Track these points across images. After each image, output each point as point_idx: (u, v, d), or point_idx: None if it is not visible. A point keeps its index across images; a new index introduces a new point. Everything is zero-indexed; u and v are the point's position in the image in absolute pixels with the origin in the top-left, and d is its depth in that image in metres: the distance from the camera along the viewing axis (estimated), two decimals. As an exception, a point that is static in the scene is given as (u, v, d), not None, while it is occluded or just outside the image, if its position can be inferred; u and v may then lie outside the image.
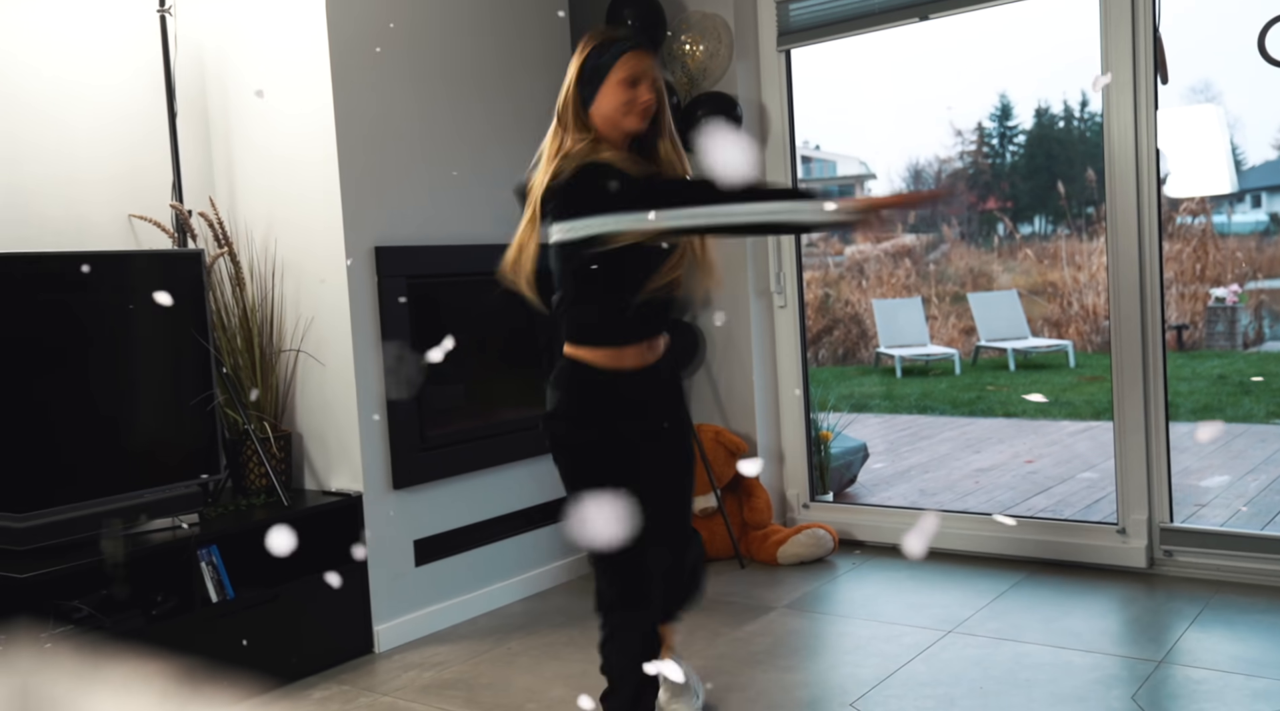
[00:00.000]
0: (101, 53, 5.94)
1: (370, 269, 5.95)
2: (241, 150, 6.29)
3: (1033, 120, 33.54)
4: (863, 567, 6.95)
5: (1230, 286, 18.75)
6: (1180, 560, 6.37)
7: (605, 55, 4.08)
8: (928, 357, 18.70)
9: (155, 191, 6.05)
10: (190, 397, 5.59)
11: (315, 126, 5.89)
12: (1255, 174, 22.29)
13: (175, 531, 5.35)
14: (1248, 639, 5.38)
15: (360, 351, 5.91)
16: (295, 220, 6.06)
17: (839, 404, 15.04)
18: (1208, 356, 17.83)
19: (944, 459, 11.47)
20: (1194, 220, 19.70)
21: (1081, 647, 5.38)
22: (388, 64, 6.06)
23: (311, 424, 6.18)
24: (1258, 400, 14.02)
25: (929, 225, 26.81)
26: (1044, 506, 8.83)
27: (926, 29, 6.93)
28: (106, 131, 5.96)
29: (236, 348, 6.07)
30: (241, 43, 6.22)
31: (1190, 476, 9.65)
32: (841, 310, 21.77)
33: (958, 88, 29.01)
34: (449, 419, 6.52)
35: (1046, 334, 20.04)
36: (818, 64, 7.62)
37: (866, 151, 33.29)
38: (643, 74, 4.09)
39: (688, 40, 7.29)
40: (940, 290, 22.47)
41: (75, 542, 5.06)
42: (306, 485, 6.23)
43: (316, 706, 5.24)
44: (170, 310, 5.52)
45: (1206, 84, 19.24)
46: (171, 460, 5.53)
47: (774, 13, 7.40)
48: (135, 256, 5.62)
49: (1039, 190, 29.51)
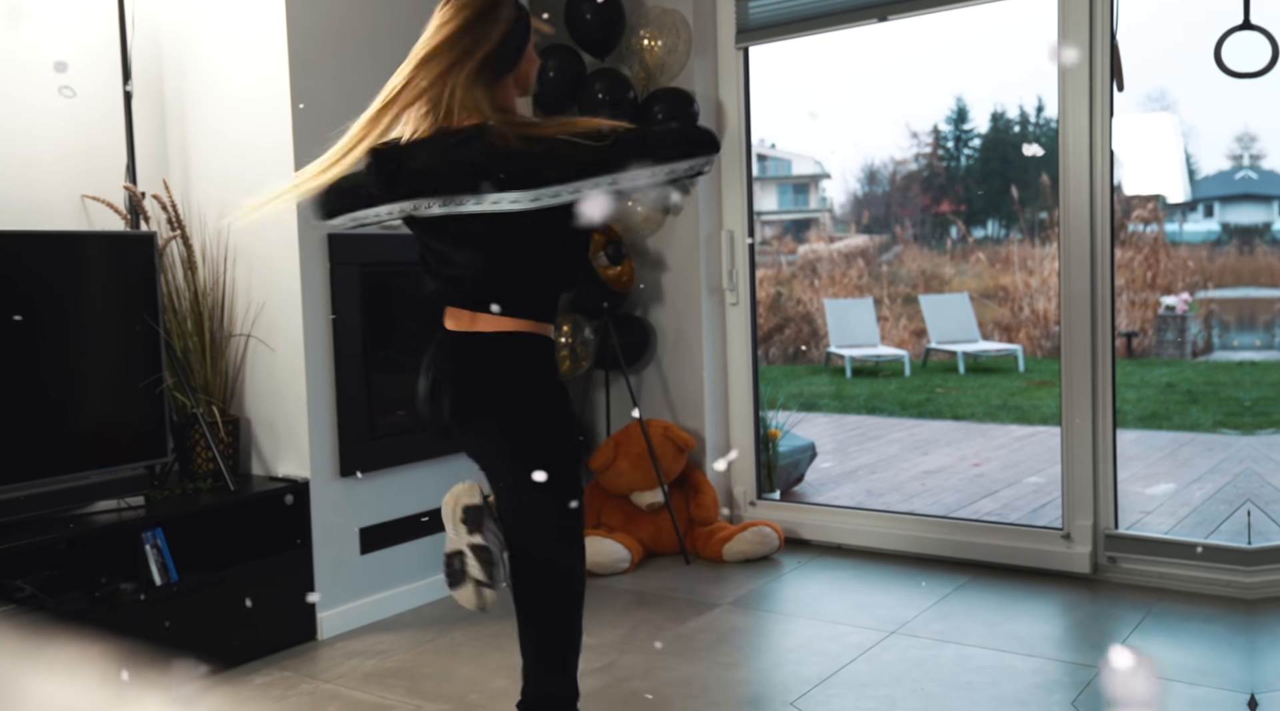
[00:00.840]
0: (58, 32, 5.91)
1: (323, 255, 5.94)
2: (197, 134, 6.26)
3: (988, 124, 33.64)
4: (807, 566, 6.96)
5: (1181, 295, 18.85)
6: (1124, 567, 6.40)
7: (526, 17, 3.92)
8: (878, 358, 18.75)
9: (109, 173, 6.02)
10: (139, 380, 5.57)
11: (271, 112, 5.87)
12: (1208, 184, 22.38)
13: (121, 513, 5.34)
14: (1189, 646, 5.41)
15: (311, 337, 5.89)
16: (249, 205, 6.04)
17: (788, 402, 15.07)
18: (1157, 364, 17.91)
19: (891, 460, 11.51)
20: (1146, 228, 19.78)
21: (1024, 652, 5.40)
22: (345, 49, 6.05)
23: (260, 409, 6.16)
24: (1205, 409, 14.09)
25: (882, 226, 26.90)
26: (990, 510, 8.86)
27: (885, 30, 6.94)
28: (61, 111, 5.93)
29: (187, 331, 6.04)
30: (200, 26, 6.19)
31: (1136, 483, 9.70)
32: (793, 309, 21.80)
33: (915, 90, 29.07)
34: (399, 406, 6.51)
35: (997, 338, 20.13)
36: (775, 62, 7.59)
37: (822, 151, 33.26)
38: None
39: (646, 35, 7.29)
40: (892, 291, 22.54)
41: (20, 522, 5.04)
42: (254, 470, 6.21)
43: (258, 692, 5.23)
44: (121, 292, 5.50)
45: (1162, 92, 19.31)
46: (119, 442, 5.51)
47: (733, 10, 7.41)
48: (87, 237, 5.60)
49: (993, 194, 29.60)
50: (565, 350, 7.49)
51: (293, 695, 5.18)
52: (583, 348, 7.52)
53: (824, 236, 27.90)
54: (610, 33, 7.31)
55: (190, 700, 5.12)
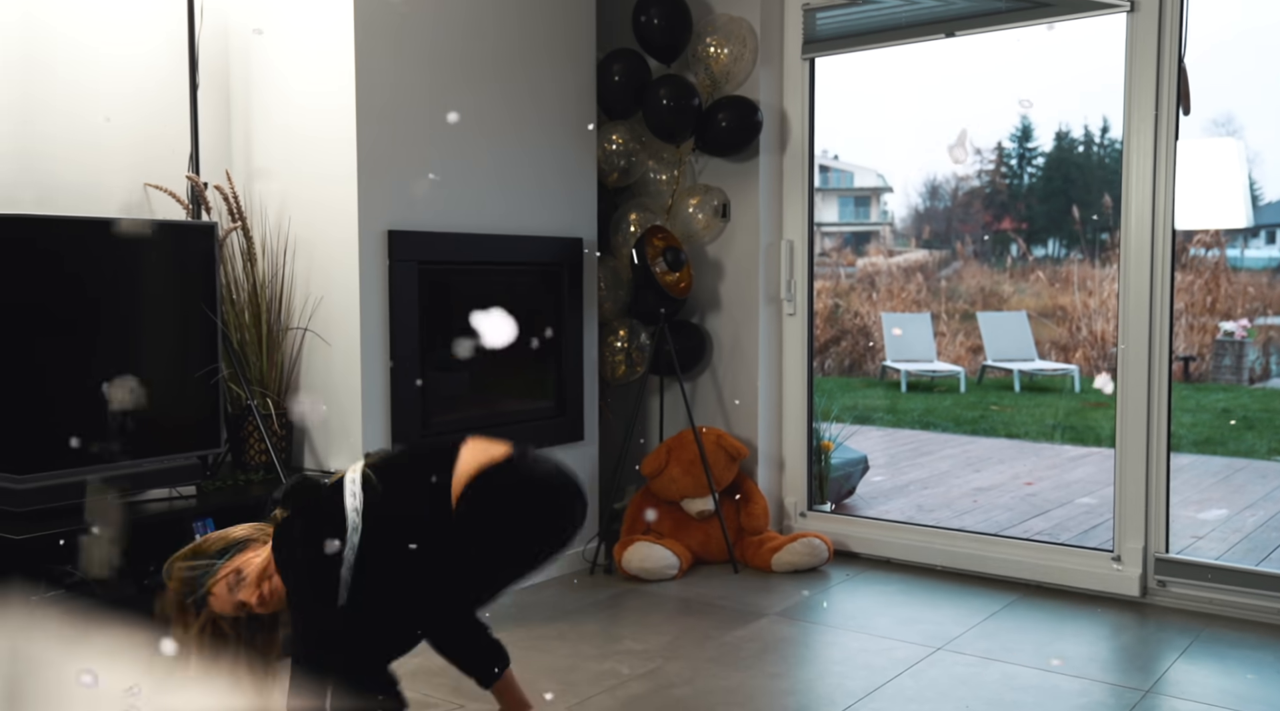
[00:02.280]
0: (127, 21, 5.95)
1: (382, 251, 5.95)
2: (261, 126, 6.29)
3: (1053, 143, 33.53)
4: (856, 579, 6.95)
5: (1240, 321, 18.75)
6: (1174, 591, 6.37)
7: None
8: (933, 374, 18.70)
9: (172, 162, 6.05)
10: (195, 370, 5.59)
11: (335, 106, 5.89)
12: (1271, 210, 22.28)
13: (172, 502, 5.36)
14: (1236, 673, 5.38)
15: (368, 333, 5.91)
16: (310, 199, 6.06)
17: (842, 414, 15.04)
18: (1213, 389, 17.81)
19: (943, 476, 11.46)
20: (1207, 252, 19.69)
21: (1070, 673, 5.37)
22: (410, 47, 6.07)
23: (314, 403, 6.18)
24: (1260, 435, 14.01)
25: (942, 241, 26.82)
26: (1041, 529, 8.82)
27: (951, 46, 6.92)
28: (128, 100, 5.96)
29: (244, 323, 6.07)
30: (267, 19, 6.22)
31: (1188, 508, 9.65)
32: (850, 321, 21.77)
33: (980, 106, 29.01)
34: (452, 406, 6.52)
35: (1053, 357, 20.03)
36: (841, 74, 7.59)
37: (884, 164, 33.23)
38: None
39: (712, 43, 7.30)
40: (950, 307, 22.47)
41: (73, 507, 5.06)
42: (306, 464, 6.23)
43: (302, 685, 5.24)
44: (180, 282, 5.53)
45: (1229, 117, 19.23)
46: (173, 431, 5.54)
47: (800, 20, 7.40)
48: (149, 226, 5.63)
49: (1054, 213, 29.50)
50: (621, 355, 7.50)
51: (337, 689, 5.18)
52: (638, 353, 7.53)
53: (884, 250, 27.84)
54: (677, 38, 7.31)
55: (234, 688, 5.13)
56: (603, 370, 7.54)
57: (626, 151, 7.48)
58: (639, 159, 7.54)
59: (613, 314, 7.56)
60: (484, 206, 6.48)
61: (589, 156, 7.16)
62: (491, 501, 3.99)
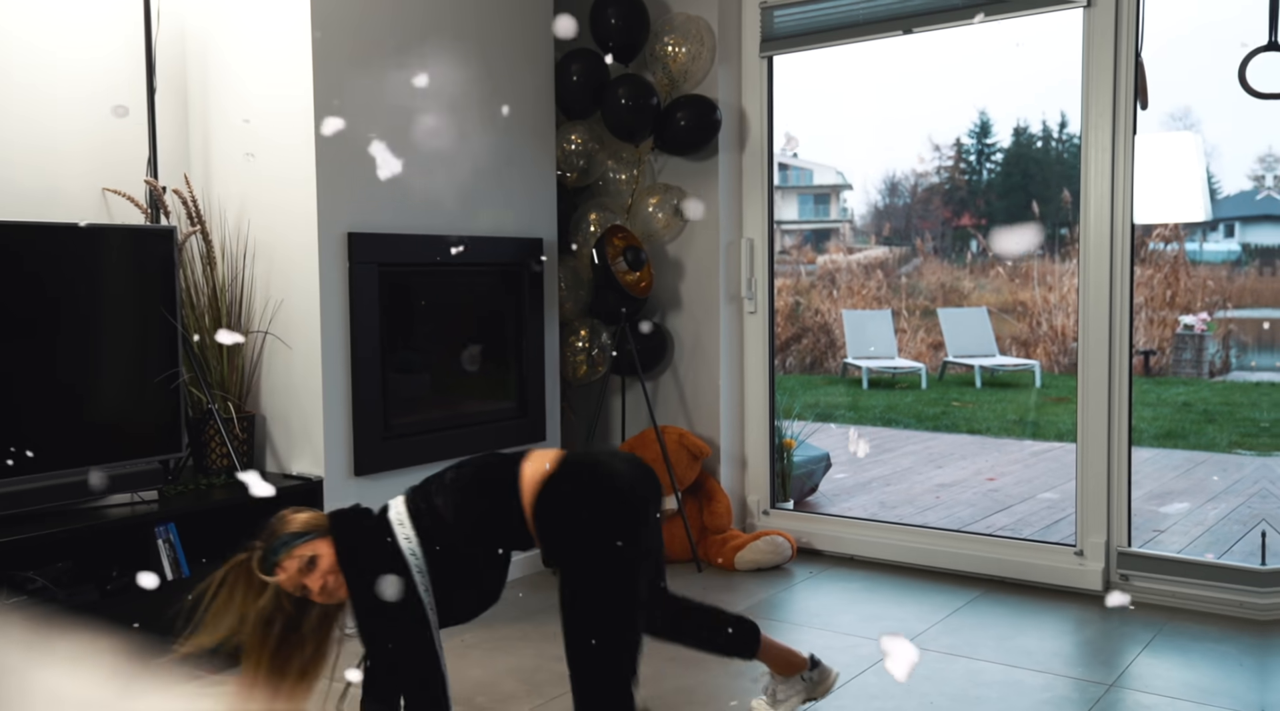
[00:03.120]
0: (84, 26, 5.93)
1: (342, 254, 5.94)
2: (219, 130, 6.27)
3: (1011, 138, 33.58)
4: (819, 577, 6.96)
5: (1199, 314, 18.79)
6: (1136, 584, 6.39)
7: None
8: (895, 370, 18.72)
9: (130, 166, 6.03)
10: (156, 374, 5.58)
11: (293, 109, 5.88)
12: (1230, 203, 22.31)
13: (134, 507, 5.35)
14: (1200, 666, 5.40)
15: (328, 336, 5.90)
16: (269, 202, 6.05)
17: (804, 412, 15.05)
18: (1173, 383, 17.86)
19: (906, 472, 11.49)
20: (1166, 246, 19.73)
21: (1034, 667, 5.39)
22: (368, 49, 6.06)
23: (275, 406, 6.17)
24: (1221, 429, 14.06)
25: (903, 238, 26.84)
26: (1003, 524, 8.85)
27: (909, 43, 6.93)
28: (85, 104, 5.94)
29: (204, 326, 6.05)
30: (224, 23, 6.21)
31: (1150, 502, 9.68)
32: (811, 319, 21.77)
33: (938, 103, 29.00)
34: (414, 408, 6.51)
35: (1014, 353, 20.05)
36: (799, 72, 7.59)
37: (844, 161, 33.21)
38: None
39: (670, 42, 7.30)
40: (910, 304, 22.48)
41: (33, 513, 5.05)
42: (268, 468, 6.22)
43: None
44: (140, 286, 5.51)
45: (1186, 111, 19.21)
46: (134, 436, 5.52)
47: (758, 19, 7.41)
48: (107, 231, 5.61)
49: (1014, 208, 29.53)
50: (582, 355, 7.50)
51: (301, 693, 5.18)
52: (599, 353, 7.52)
53: (843, 247, 27.83)
54: (634, 38, 7.32)
55: (200, 694, 5.12)
56: (564, 370, 7.53)
57: (586, 151, 7.48)
58: (598, 159, 7.55)
59: (573, 314, 7.56)
60: (444, 208, 6.48)
61: (548, 157, 7.15)
62: (567, 505, 4.04)
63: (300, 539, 3.98)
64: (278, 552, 3.96)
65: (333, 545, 4.01)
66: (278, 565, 3.95)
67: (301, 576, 3.96)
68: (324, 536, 4.03)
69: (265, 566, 3.95)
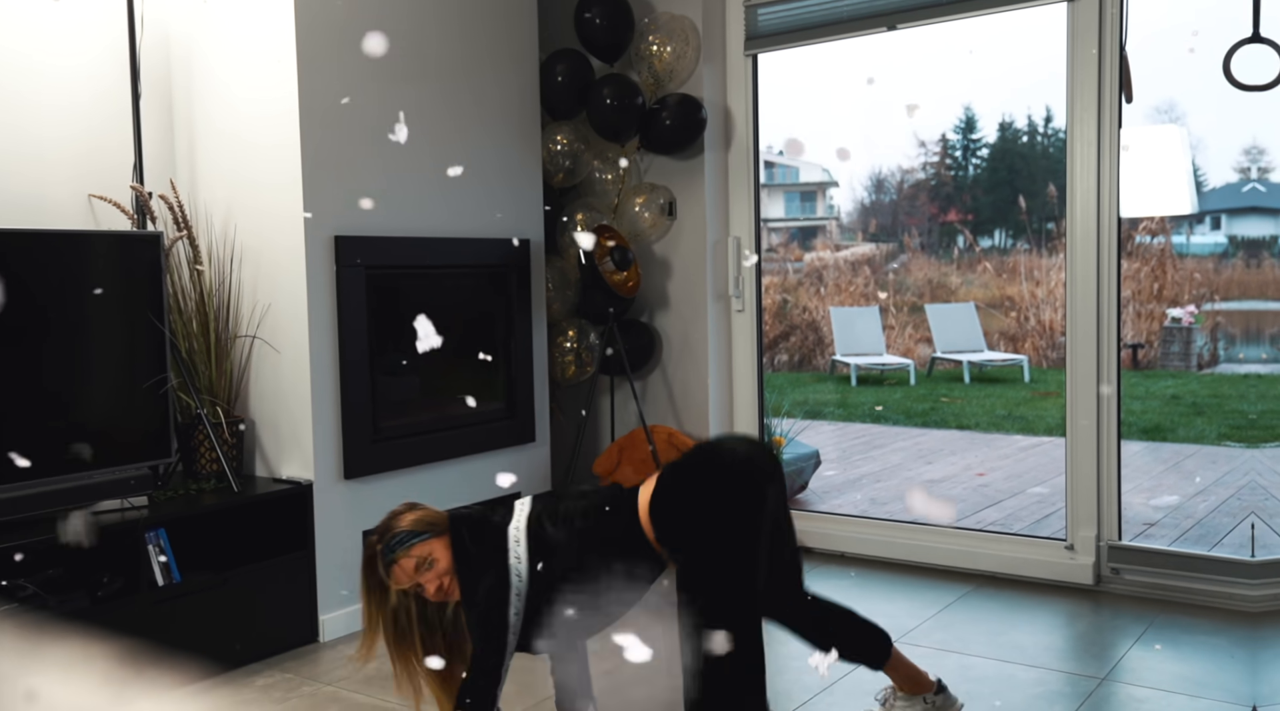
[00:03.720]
0: (68, 32, 5.92)
1: (329, 257, 5.94)
2: (204, 134, 6.27)
3: (996, 134, 33.62)
4: (810, 574, 6.95)
5: (1187, 307, 18.80)
6: (1127, 578, 6.39)
7: None
8: (883, 367, 18.71)
9: (116, 172, 6.02)
10: (144, 380, 5.58)
11: (278, 113, 5.88)
12: (1216, 196, 22.32)
13: (124, 513, 5.34)
14: (1191, 659, 5.41)
15: (316, 339, 5.90)
16: (255, 206, 6.04)
17: (793, 410, 15.05)
18: (1162, 376, 17.87)
19: (896, 469, 11.49)
20: (1153, 240, 19.74)
21: (1026, 662, 5.39)
22: (352, 52, 6.05)
23: (264, 410, 6.16)
24: (1209, 421, 14.07)
25: (889, 234, 26.87)
26: (994, 520, 8.85)
27: (894, 39, 6.94)
28: (70, 111, 5.93)
29: (192, 331, 6.04)
30: (208, 27, 6.21)
31: (1140, 495, 9.68)
32: (799, 316, 21.77)
33: (923, 98, 29.02)
34: (403, 410, 6.51)
35: (1002, 348, 20.06)
36: (784, 69, 7.62)
37: (830, 159, 33.27)
38: None
39: (655, 41, 7.30)
40: (898, 300, 22.50)
41: (23, 521, 5.04)
42: (257, 472, 6.22)
43: (259, 694, 5.23)
44: (127, 292, 5.51)
45: (1171, 104, 19.23)
46: (123, 442, 5.51)
47: (742, 17, 7.41)
48: (94, 237, 5.61)
49: (1000, 204, 29.58)
50: (570, 355, 7.49)
51: (294, 697, 5.18)
52: (588, 353, 7.52)
53: (830, 244, 27.87)
54: (619, 38, 7.32)
55: (191, 701, 5.12)
56: (552, 371, 7.53)
57: (571, 151, 7.47)
58: (584, 159, 7.54)
59: (561, 314, 7.56)
60: (430, 210, 6.47)
61: (534, 157, 7.15)
62: (677, 496, 4.05)
63: (417, 538, 4.02)
64: (394, 550, 4.00)
65: (446, 546, 4.04)
66: (395, 563, 3.99)
67: (418, 575, 4.00)
68: (439, 536, 4.05)
69: (385, 563, 4.01)
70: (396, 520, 4.08)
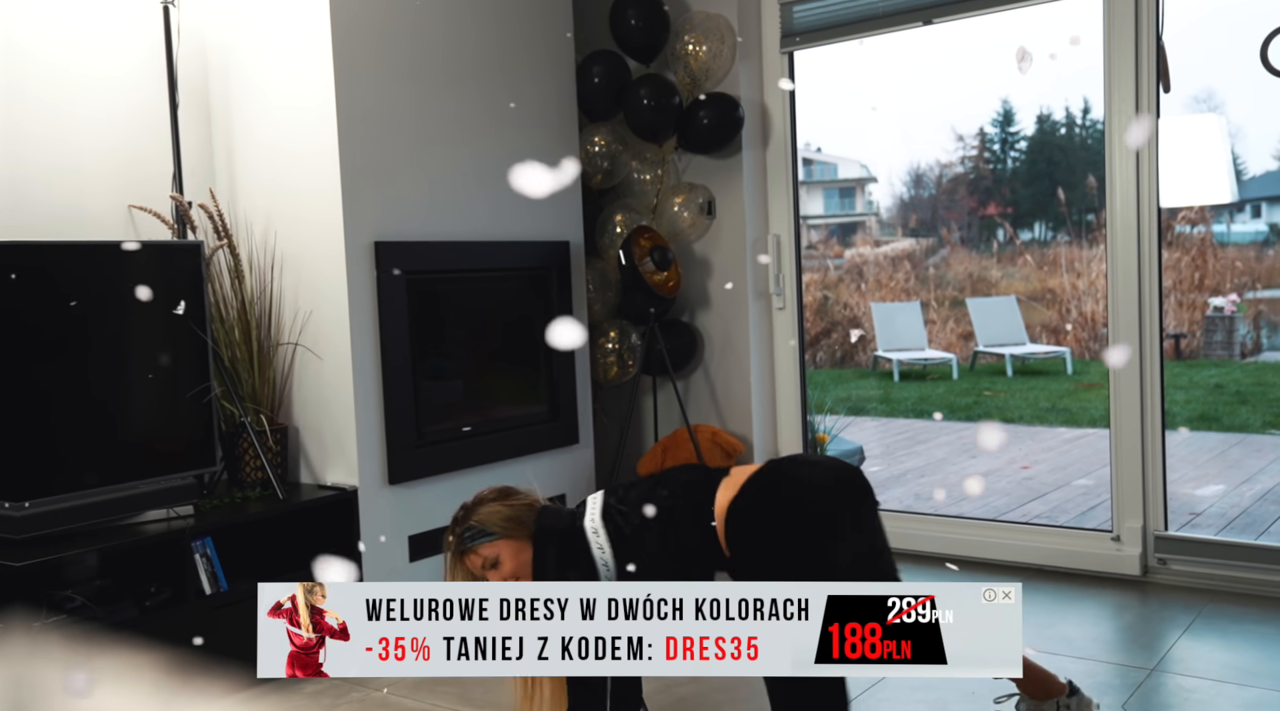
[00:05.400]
0: (105, 44, 5.95)
1: (370, 263, 5.95)
2: (242, 143, 6.29)
3: (1034, 126, 33.52)
4: (857, 571, 6.94)
5: (1229, 296, 18.72)
6: (1174, 568, 6.37)
7: None
8: (925, 362, 18.68)
9: (155, 182, 6.05)
10: (187, 389, 5.60)
11: (316, 120, 5.89)
12: (1256, 184, 22.24)
13: (170, 522, 5.36)
14: (1240, 648, 5.39)
15: (358, 346, 5.91)
16: (295, 213, 6.06)
17: (836, 406, 15.03)
18: (1205, 365, 17.80)
19: (940, 463, 11.47)
20: (1193, 229, 19.66)
21: (1074, 654, 5.38)
22: (389, 58, 6.07)
23: (308, 417, 6.17)
24: (1254, 410, 14.01)
25: (929, 229, 26.79)
26: (1039, 512, 8.82)
27: (930, 33, 6.92)
28: (108, 122, 5.96)
29: (234, 340, 6.06)
30: (244, 36, 6.22)
31: (1185, 485, 9.65)
32: (840, 313, 21.75)
33: (961, 92, 28.97)
34: (446, 415, 6.52)
35: (1045, 340, 19.99)
36: (821, 66, 7.62)
37: (868, 154, 33.18)
38: None
39: (691, 40, 7.29)
40: (939, 295, 22.44)
41: (71, 532, 5.06)
42: (302, 479, 6.23)
43: (308, 700, 5.24)
44: (169, 302, 5.52)
45: (1209, 93, 19.16)
46: (168, 451, 5.54)
47: (777, 14, 7.40)
48: (135, 247, 5.63)
49: (1039, 196, 29.47)
50: (613, 355, 7.50)
51: (343, 703, 5.18)
52: (629, 353, 7.52)
53: (870, 240, 27.79)
54: (655, 38, 7.32)
55: (240, 709, 5.13)
56: (595, 372, 7.53)
57: (609, 153, 7.47)
58: (622, 160, 7.54)
59: (602, 315, 7.56)
60: (469, 214, 6.48)
61: (572, 159, 7.15)
62: (752, 522, 3.97)
63: (485, 538, 4.09)
64: (466, 544, 4.09)
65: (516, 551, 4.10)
66: (470, 552, 4.09)
67: (484, 571, 4.07)
68: (512, 537, 4.10)
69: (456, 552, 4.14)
70: (477, 510, 4.15)
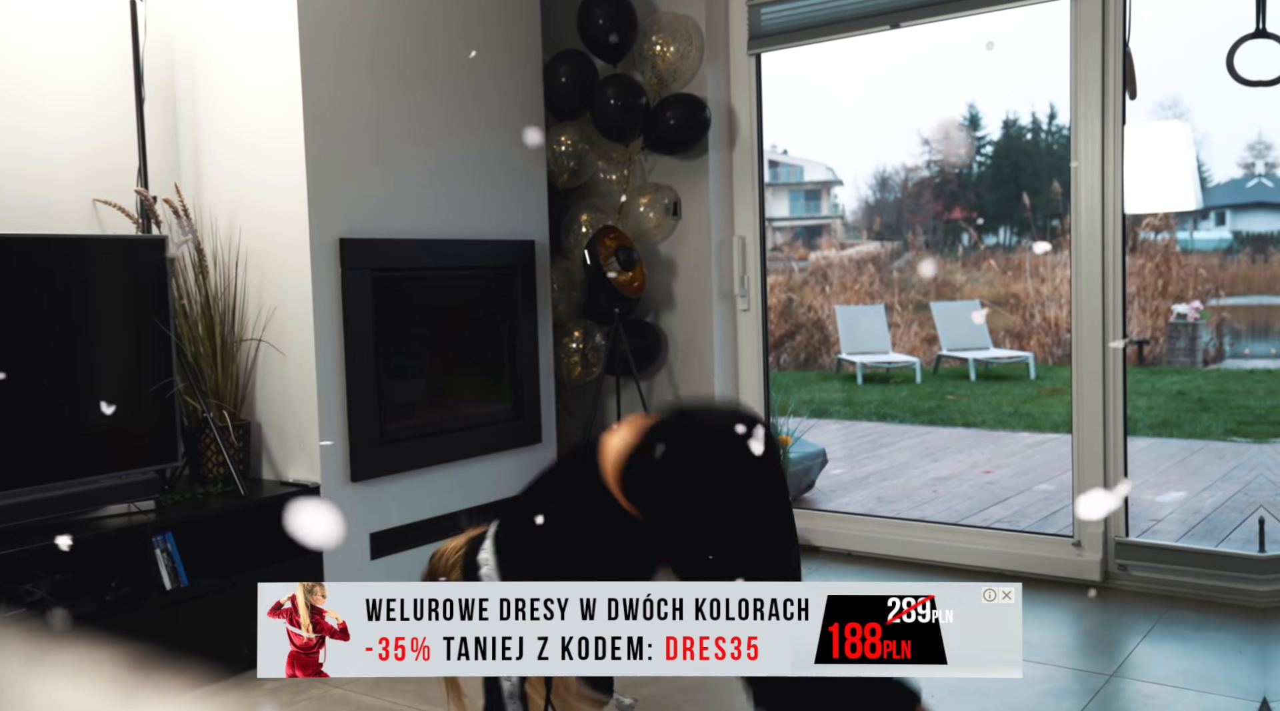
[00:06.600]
0: (72, 36, 5.92)
1: (334, 260, 5.94)
2: (208, 138, 6.27)
3: (1000, 131, 33.60)
4: (818, 573, 6.95)
5: (1192, 303, 18.78)
6: (1135, 574, 6.39)
7: None
8: (889, 365, 18.70)
9: (121, 177, 6.03)
10: (150, 384, 5.58)
11: (283, 116, 5.88)
12: (1220, 192, 22.30)
13: (131, 517, 5.35)
14: (1199, 655, 5.41)
15: (322, 342, 5.90)
16: (260, 209, 6.04)
17: (799, 409, 15.04)
18: (1168, 372, 17.85)
19: (902, 467, 11.49)
20: (1157, 236, 19.72)
21: (1034, 659, 5.38)
22: (357, 55, 6.06)
23: (271, 414, 6.16)
24: (1216, 417, 14.06)
25: (894, 233, 26.83)
26: (1001, 517, 8.84)
27: (897, 37, 6.94)
28: (75, 115, 5.94)
29: (198, 335, 6.04)
30: (212, 30, 6.20)
31: (1147, 491, 9.68)
32: (804, 315, 21.76)
33: (927, 96, 29.04)
34: (409, 413, 6.51)
35: (1008, 345, 20.03)
36: (788, 68, 7.64)
37: (834, 157, 33.23)
38: None
39: (658, 41, 7.30)
40: (903, 298, 22.47)
41: (29, 526, 5.04)
42: (264, 475, 6.22)
43: (267, 696, 5.23)
44: (132, 296, 5.51)
45: (1175, 100, 19.21)
46: (129, 446, 5.51)
47: (745, 16, 7.41)
48: (98, 241, 5.61)
49: (1004, 201, 29.54)
50: (577, 355, 7.50)
51: (301, 700, 5.17)
52: (594, 353, 7.52)
53: (835, 243, 27.83)
54: (623, 38, 7.31)
55: (200, 704, 5.12)
56: (558, 372, 7.53)
57: (576, 152, 7.47)
58: (588, 159, 7.54)
59: (567, 315, 7.56)
60: (435, 211, 6.48)
61: (538, 158, 7.15)
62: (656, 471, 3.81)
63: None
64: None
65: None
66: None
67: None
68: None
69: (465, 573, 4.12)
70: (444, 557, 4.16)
